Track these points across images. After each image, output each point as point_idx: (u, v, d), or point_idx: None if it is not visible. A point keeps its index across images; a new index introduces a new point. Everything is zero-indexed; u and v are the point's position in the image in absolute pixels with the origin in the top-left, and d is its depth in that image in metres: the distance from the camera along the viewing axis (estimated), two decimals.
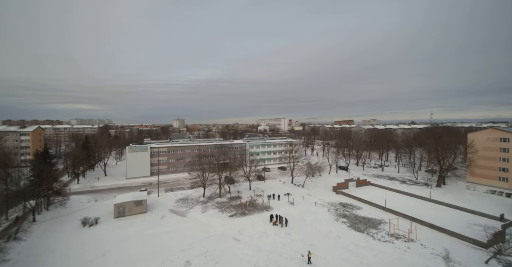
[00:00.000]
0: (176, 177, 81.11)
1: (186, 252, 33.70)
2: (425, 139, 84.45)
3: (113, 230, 41.21)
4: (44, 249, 34.90)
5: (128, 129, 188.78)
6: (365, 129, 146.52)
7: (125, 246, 35.72)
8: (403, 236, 38.56)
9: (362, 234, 39.08)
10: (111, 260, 32.11)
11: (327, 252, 33.52)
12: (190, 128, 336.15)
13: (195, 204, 54.37)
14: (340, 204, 53.53)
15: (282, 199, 56.87)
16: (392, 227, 40.80)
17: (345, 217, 46.41)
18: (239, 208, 50.65)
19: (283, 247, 35.06)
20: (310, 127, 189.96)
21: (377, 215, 47.32)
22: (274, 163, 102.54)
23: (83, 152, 76.00)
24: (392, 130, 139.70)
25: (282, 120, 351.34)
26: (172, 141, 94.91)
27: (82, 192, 63.69)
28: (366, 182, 68.25)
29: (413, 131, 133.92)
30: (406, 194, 59.54)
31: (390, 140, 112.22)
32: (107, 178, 78.98)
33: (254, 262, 31.03)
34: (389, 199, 53.32)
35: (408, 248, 34.97)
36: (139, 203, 48.65)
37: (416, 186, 67.38)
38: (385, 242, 36.72)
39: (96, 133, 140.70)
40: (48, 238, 38.28)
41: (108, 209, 49.54)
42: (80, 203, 55.21)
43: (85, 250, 34.49)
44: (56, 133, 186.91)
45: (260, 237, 38.13)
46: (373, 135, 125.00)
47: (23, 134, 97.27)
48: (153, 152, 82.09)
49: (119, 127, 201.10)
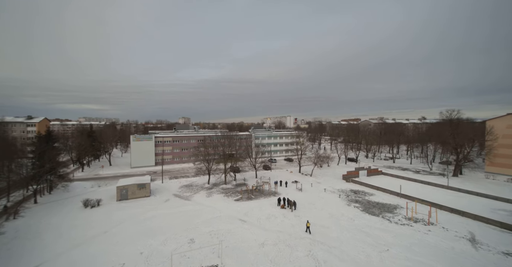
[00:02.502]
0: (181, 166, 79.67)
1: (190, 231, 31.85)
2: (439, 128, 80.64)
3: (115, 211, 39.74)
4: (44, 227, 33.61)
5: (134, 125, 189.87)
6: (374, 123, 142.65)
7: (127, 225, 34.15)
8: (421, 219, 35.80)
9: (377, 218, 36.49)
10: (113, 237, 30.55)
11: (341, 233, 31.13)
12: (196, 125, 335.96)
13: (200, 189, 52.61)
14: (351, 191, 50.90)
15: (289, 186, 54.57)
16: (409, 211, 38.07)
17: (357, 202, 43.82)
18: (245, 193, 48.62)
19: (293, 228, 32.82)
20: (316, 123, 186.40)
21: (392, 200, 44.56)
22: (280, 155, 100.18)
23: (87, 140, 75.29)
24: (402, 124, 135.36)
25: (287, 118, 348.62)
26: (177, 131, 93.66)
27: (86, 179, 62.78)
28: (377, 171, 65.26)
29: (425, 125, 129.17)
30: (421, 182, 56.47)
31: (401, 133, 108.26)
32: (111, 167, 78.18)
33: (262, 241, 28.91)
34: (404, 186, 50.36)
35: (429, 231, 32.27)
36: (142, 187, 47.17)
37: (431, 176, 64.04)
38: (403, 225, 34.06)
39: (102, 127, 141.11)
40: (48, 218, 37.06)
41: (111, 193, 48.23)
42: (83, 188, 54.13)
43: (85, 229, 33.02)
44: (63, 129, 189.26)
45: (268, 219, 35.98)
46: (383, 129, 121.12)
47: (30, 125, 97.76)
48: (158, 142, 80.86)
49: (125, 123, 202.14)
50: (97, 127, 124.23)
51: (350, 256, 25.82)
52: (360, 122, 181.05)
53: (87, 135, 79.96)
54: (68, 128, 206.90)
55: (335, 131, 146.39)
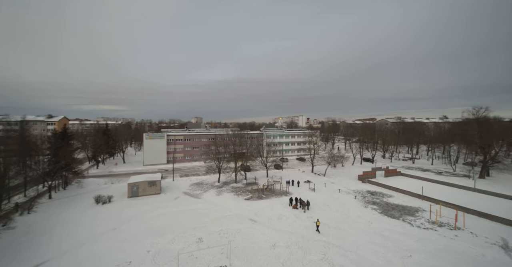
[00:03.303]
0: (192, 165, 79.68)
1: (199, 230, 30.95)
2: (464, 127, 75.37)
3: (125, 208, 39.70)
4: (55, 223, 33.93)
5: (148, 124, 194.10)
6: (392, 122, 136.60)
7: (136, 222, 33.81)
8: (447, 223, 32.91)
9: (397, 221, 33.96)
10: (121, 234, 30.19)
11: (358, 236, 29.03)
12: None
13: (210, 188, 51.87)
14: (368, 192, 48.21)
15: (302, 186, 52.64)
16: (433, 215, 35.16)
17: (374, 204, 41.25)
18: (256, 192, 47.30)
19: (305, 229, 31.09)
20: (330, 123, 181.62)
21: (413, 203, 41.62)
22: (292, 154, 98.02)
23: (102, 138, 77.01)
24: (422, 123, 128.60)
25: (299, 117, 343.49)
26: (188, 130, 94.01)
27: (100, 176, 63.94)
28: (396, 172, 61.77)
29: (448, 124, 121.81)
30: (445, 184, 52.65)
31: (421, 133, 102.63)
32: (125, 165, 79.52)
33: (273, 242, 27.44)
34: (426, 188, 46.96)
35: (456, 236, 29.47)
36: (153, 184, 47.05)
37: (454, 178, 59.71)
38: (426, 229, 31.40)
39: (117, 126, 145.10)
40: (60, 213, 37.52)
41: (122, 190, 48.54)
42: (96, 184, 55.03)
43: (95, 225, 32.99)
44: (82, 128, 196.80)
45: (279, 219, 34.44)
46: (401, 128, 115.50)
47: (50, 123, 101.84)
48: (170, 140, 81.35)
49: (139, 122, 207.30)
50: (113, 126, 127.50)
51: (368, 261, 23.80)
52: (376, 121, 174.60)
53: (102, 133, 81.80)
54: (87, 127, 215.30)
55: (349, 131, 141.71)
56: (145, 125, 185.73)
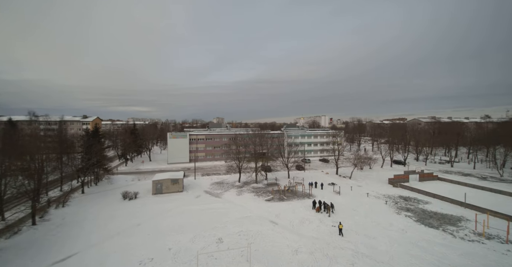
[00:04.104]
0: (213, 164, 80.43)
1: (219, 229, 30.41)
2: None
3: (150, 204, 40.75)
4: (85, 216, 35.75)
5: (172, 124, 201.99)
6: (425, 122, 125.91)
7: (159, 219, 34.33)
8: (497, 236, 28.73)
9: (437, 231, 30.41)
10: (145, 230, 30.77)
11: (391, 246, 26.34)
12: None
13: (230, 187, 51.52)
14: (400, 197, 44.33)
15: (326, 189, 50.09)
16: (479, 225, 30.98)
17: (408, 211, 37.62)
18: (277, 193, 45.87)
19: (331, 235, 29.02)
20: (355, 123, 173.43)
21: (454, 211, 37.25)
22: (315, 155, 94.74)
23: (130, 136, 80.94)
24: (461, 123, 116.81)
25: (322, 117, 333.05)
26: (210, 129, 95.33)
27: (128, 173, 67.05)
28: (432, 176, 56.29)
29: (491, 124, 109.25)
30: (491, 190, 46.70)
31: (460, 133, 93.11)
32: (151, 163, 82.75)
33: (295, 247, 25.89)
34: (468, 195, 41.89)
35: (508, 251, 25.51)
36: (175, 182, 47.86)
37: (502, 183, 52.84)
38: (472, 241, 27.63)
39: (144, 125, 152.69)
40: (91, 207, 39.52)
41: (148, 187, 50.09)
42: (124, 181, 57.60)
43: (121, 220, 34.09)
44: (114, 127, 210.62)
45: (302, 223, 32.69)
46: (436, 128, 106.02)
47: (85, 123, 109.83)
48: (192, 139, 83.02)
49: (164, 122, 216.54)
50: (140, 126, 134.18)
51: None
52: (408, 121, 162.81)
53: (130, 133, 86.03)
54: (118, 127, 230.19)
55: (377, 131, 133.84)
56: (169, 125, 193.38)
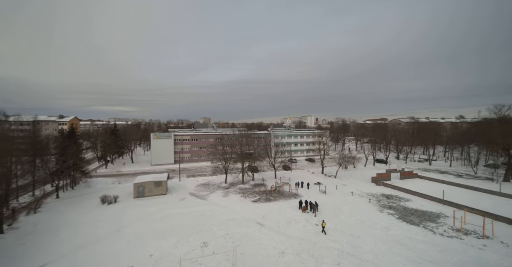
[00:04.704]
0: (199, 165, 78.82)
1: (204, 233, 29.47)
2: (485, 127, 70.96)
3: (131, 208, 38.85)
4: (60, 223, 33.39)
5: (156, 124, 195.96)
6: (405, 122, 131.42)
7: (141, 224, 32.75)
8: (473, 231, 30.06)
9: (418, 228, 31.34)
10: (124, 236, 29.15)
11: (375, 244, 26.73)
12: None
13: (216, 189, 50.50)
14: (383, 196, 45.50)
15: (312, 188, 50.44)
16: (457, 221, 32.32)
17: (391, 208, 38.62)
18: (264, 194, 45.50)
19: (317, 235, 29.04)
20: (339, 123, 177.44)
21: (433, 208, 38.71)
22: (301, 155, 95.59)
23: (111, 137, 77.33)
24: (438, 123, 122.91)
25: (308, 117, 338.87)
26: (195, 129, 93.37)
27: (108, 175, 63.92)
28: (412, 174, 58.45)
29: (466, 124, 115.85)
30: (467, 187, 49.16)
31: (437, 133, 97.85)
32: (133, 165, 79.53)
33: (282, 249, 25.57)
34: (446, 192, 43.71)
35: (484, 246, 26.68)
36: (158, 184, 46.12)
37: (476, 181, 55.85)
38: (450, 237, 28.71)
39: (127, 125, 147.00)
40: (66, 213, 37.05)
41: (129, 190, 47.90)
42: (104, 184, 54.80)
43: (99, 226, 32.16)
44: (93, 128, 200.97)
45: (288, 224, 32.50)
46: (415, 128, 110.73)
47: (61, 123, 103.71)
48: (177, 140, 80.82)
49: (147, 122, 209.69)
50: (122, 126, 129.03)
51: None
52: (389, 121, 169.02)
53: (111, 133, 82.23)
54: (98, 128, 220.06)
55: (360, 131, 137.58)
56: (153, 125, 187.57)
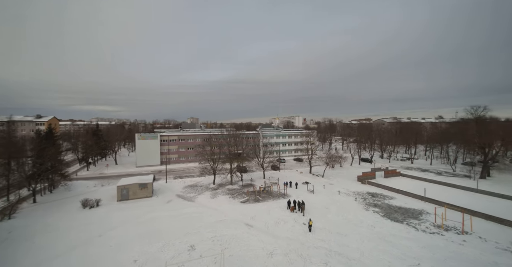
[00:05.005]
0: (186, 166, 77.30)
1: (191, 236, 28.81)
2: (463, 126, 74.65)
3: (114, 212, 37.32)
4: (37, 229, 31.47)
5: (142, 124, 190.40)
6: (388, 122, 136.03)
7: (124, 228, 31.52)
8: (453, 227, 31.38)
9: (402, 224, 32.32)
10: (106, 241, 27.90)
11: (361, 242, 27.23)
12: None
13: (204, 190, 49.70)
14: (368, 194, 46.62)
15: (300, 188, 50.82)
16: (438, 218, 33.64)
17: (376, 206, 39.62)
18: (252, 194, 45.29)
19: (305, 235, 29.21)
20: (326, 123, 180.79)
21: (416, 205, 40.11)
22: (289, 155, 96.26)
23: (92, 138, 74.16)
24: (418, 123, 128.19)
25: (296, 118, 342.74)
26: (182, 130, 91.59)
27: (89, 178, 61.25)
28: (395, 173, 60.42)
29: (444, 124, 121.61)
30: (446, 185, 51.39)
31: (418, 132, 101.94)
32: (117, 167, 76.76)
33: (271, 250, 25.46)
34: (427, 189, 45.48)
35: (464, 241, 27.90)
36: (144, 186, 44.70)
37: (455, 178, 58.56)
38: (432, 233, 29.81)
39: (110, 126, 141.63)
40: (44, 218, 34.98)
41: (112, 193, 46.02)
42: (85, 187, 52.38)
43: (80, 231, 30.62)
44: (74, 128, 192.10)
45: (277, 224, 32.49)
46: (398, 128, 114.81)
47: (39, 124, 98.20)
48: (163, 140, 78.87)
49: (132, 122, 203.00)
50: (105, 127, 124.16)
51: None
52: (373, 121, 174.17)
53: (93, 134, 78.88)
54: (80, 128, 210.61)
55: (346, 131, 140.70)
56: (139, 125, 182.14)
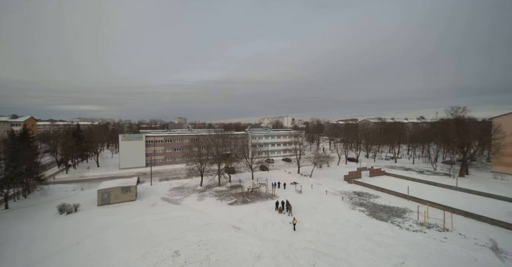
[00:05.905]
0: (173, 167, 75.43)
1: (176, 241, 27.85)
2: (443, 126, 77.80)
3: (94, 218, 35.51)
4: (8, 237, 29.36)
5: (127, 125, 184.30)
6: (373, 122, 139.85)
7: (105, 235, 30.01)
8: (435, 225, 32.33)
9: (386, 223, 32.94)
10: (85, 249, 26.38)
11: (348, 242, 27.42)
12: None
13: (191, 192, 48.56)
14: (355, 193, 47.35)
15: (288, 188, 50.85)
16: (421, 216, 34.58)
17: (362, 205, 40.24)
18: (240, 196, 44.73)
19: (293, 236, 29.06)
20: (314, 123, 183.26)
21: (399, 203, 41.12)
22: (278, 155, 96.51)
23: (72, 139, 70.68)
24: (402, 123, 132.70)
25: (285, 118, 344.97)
26: (169, 130, 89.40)
27: (69, 182, 58.19)
28: (380, 172, 61.91)
29: (426, 124, 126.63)
30: (428, 183, 53.19)
31: (401, 132, 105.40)
32: (99, 169, 73.60)
33: (258, 253, 25.05)
34: (410, 188, 46.81)
35: (445, 238, 28.78)
36: (126, 190, 42.97)
37: (436, 176, 60.84)
38: (415, 231, 30.56)
39: (92, 126, 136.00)
40: (17, 226, 32.72)
41: (92, 197, 43.84)
42: (64, 191, 49.70)
43: (55, 239, 28.80)
44: (54, 129, 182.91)
45: (265, 226, 32.16)
46: (382, 128, 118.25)
47: (15, 124, 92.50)
48: (149, 141, 76.54)
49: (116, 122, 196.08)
50: (87, 127, 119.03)
51: None
52: (359, 121, 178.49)
53: (72, 135, 75.23)
54: (60, 128, 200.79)
55: (333, 131, 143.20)
56: (123, 126, 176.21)
